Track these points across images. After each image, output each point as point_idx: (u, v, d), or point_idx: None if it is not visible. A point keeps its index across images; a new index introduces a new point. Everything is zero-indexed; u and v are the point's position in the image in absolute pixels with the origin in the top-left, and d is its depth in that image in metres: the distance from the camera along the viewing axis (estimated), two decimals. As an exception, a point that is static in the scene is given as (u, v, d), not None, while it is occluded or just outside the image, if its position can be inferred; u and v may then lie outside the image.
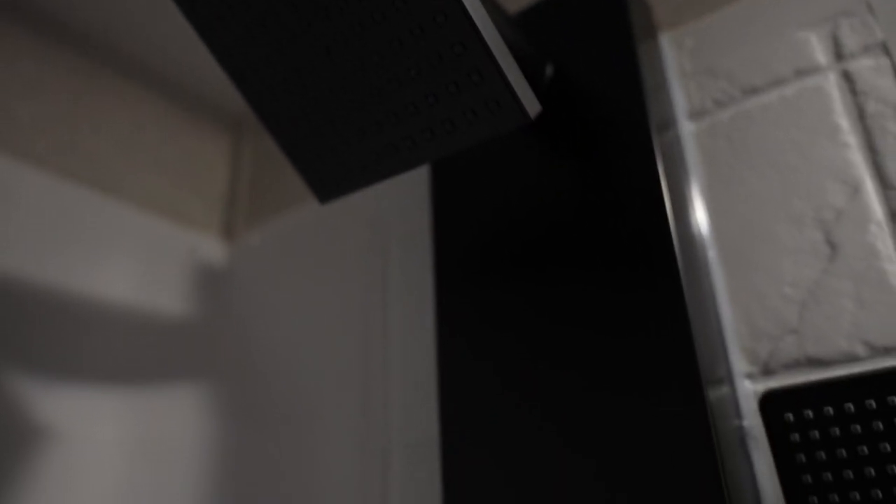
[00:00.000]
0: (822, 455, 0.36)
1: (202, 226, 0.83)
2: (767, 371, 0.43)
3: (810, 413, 0.37)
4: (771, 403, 0.39)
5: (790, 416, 0.38)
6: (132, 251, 0.75)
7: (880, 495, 0.35)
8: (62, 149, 0.74)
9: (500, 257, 0.51)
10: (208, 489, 0.67)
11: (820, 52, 0.47)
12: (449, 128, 0.37)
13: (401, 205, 0.68)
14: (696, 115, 0.51)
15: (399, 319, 0.64)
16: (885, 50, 0.45)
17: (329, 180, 0.47)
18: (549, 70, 0.52)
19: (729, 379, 0.44)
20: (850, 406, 0.36)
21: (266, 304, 0.75)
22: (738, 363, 0.44)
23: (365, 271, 0.68)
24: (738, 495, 0.39)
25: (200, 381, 0.74)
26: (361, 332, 0.65)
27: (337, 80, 0.41)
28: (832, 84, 0.46)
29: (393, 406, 0.60)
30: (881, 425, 0.35)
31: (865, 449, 0.35)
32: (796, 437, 0.37)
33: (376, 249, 0.68)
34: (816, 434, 0.37)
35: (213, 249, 0.82)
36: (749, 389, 0.43)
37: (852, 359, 0.40)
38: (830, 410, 0.37)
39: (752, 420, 0.42)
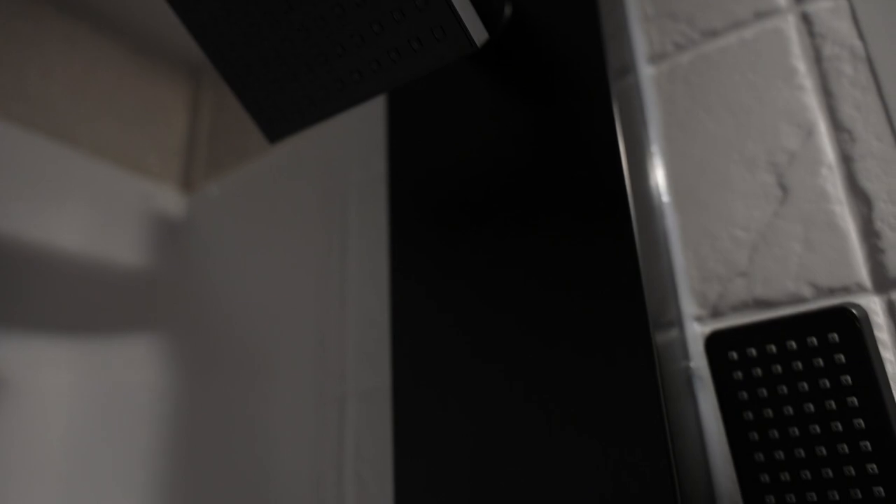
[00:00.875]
0: (764, 392, 0.37)
1: (159, 176, 0.81)
2: (716, 313, 0.43)
3: (753, 351, 0.37)
4: (715, 343, 0.39)
5: (734, 355, 0.38)
6: (85, 200, 0.73)
7: (818, 430, 0.35)
8: (9, 94, 0.71)
9: (454, 204, 0.51)
10: (164, 437, 0.66)
11: (780, -6, 0.47)
12: (395, 57, 0.36)
13: (359, 153, 0.67)
14: (655, 58, 0.50)
15: (357, 267, 0.63)
16: (844, -9, 0.44)
17: (278, 119, 0.46)
18: (507, 10, 0.51)
19: (678, 322, 0.44)
20: (793, 343, 0.36)
21: (224, 254, 0.74)
22: (688, 306, 0.44)
23: (323, 220, 0.67)
24: (682, 435, 0.40)
25: (157, 331, 0.73)
26: (319, 281, 0.64)
27: (282, 10, 0.39)
28: (791, 26, 0.45)
29: (350, 353, 0.60)
30: (821, 362, 0.35)
31: (806, 385, 0.36)
32: (739, 374, 0.38)
33: (335, 198, 0.67)
34: (759, 371, 0.37)
35: (170, 200, 0.80)
36: (697, 332, 0.43)
37: (799, 300, 0.40)
38: (773, 348, 0.37)
39: (699, 362, 0.42)
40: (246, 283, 0.70)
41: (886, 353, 0.37)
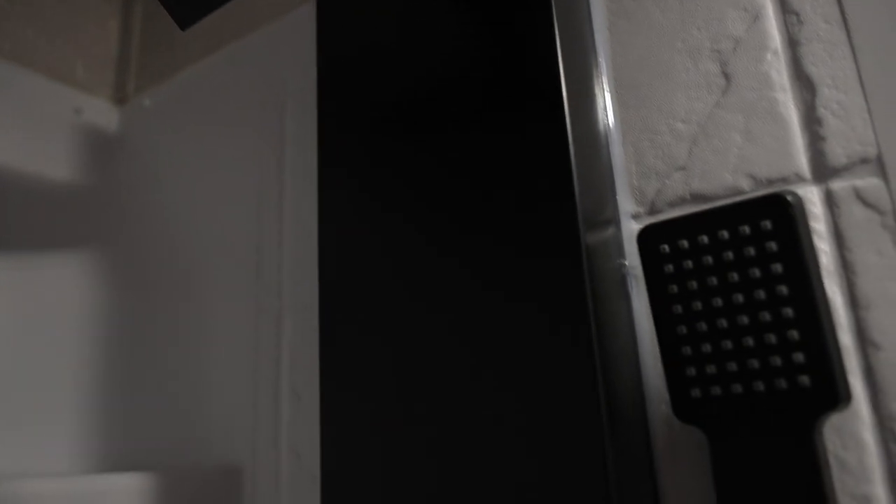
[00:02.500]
0: (694, 284, 0.35)
1: (89, 88, 0.77)
2: (654, 210, 0.41)
3: (685, 243, 0.36)
4: (647, 236, 0.37)
5: (665, 248, 0.36)
6: (9, 112, 0.68)
7: (746, 321, 0.34)
8: (-84, -8, 0.66)
9: (382, 110, 0.48)
10: (99, 355, 0.64)
11: None
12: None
13: (296, 60, 0.63)
14: (601, -56, 0.47)
15: (294, 179, 0.60)
16: None
17: (187, 2, 0.42)
18: None
19: (615, 220, 0.42)
20: (724, 233, 0.35)
21: (159, 167, 0.70)
22: (626, 203, 0.42)
23: (260, 131, 0.63)
24: (614, 335, 0.38)
25: (90, 247, 0.69)
26: (256, 195, 0.62)
27: None
28: None
29: (286, 268, 0.58)
30: (753, 251, 0.34)
31: (736, 276, 0.34)
32: (670, 267, 0.36)
33: (272, 107, 0.63)
34: (690, 264, 0.35)
35: (102, 113, 0.76)
36: (634, 229, 0.42)
37: (736, 193, 0.39)
38: (705, 239, 0.35)
39: (634, 260, 0.41)
40: (181, 197, 0.67)
41: (822, 244, 0.36)
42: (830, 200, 0.36)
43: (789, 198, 0.33)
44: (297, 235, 0.58)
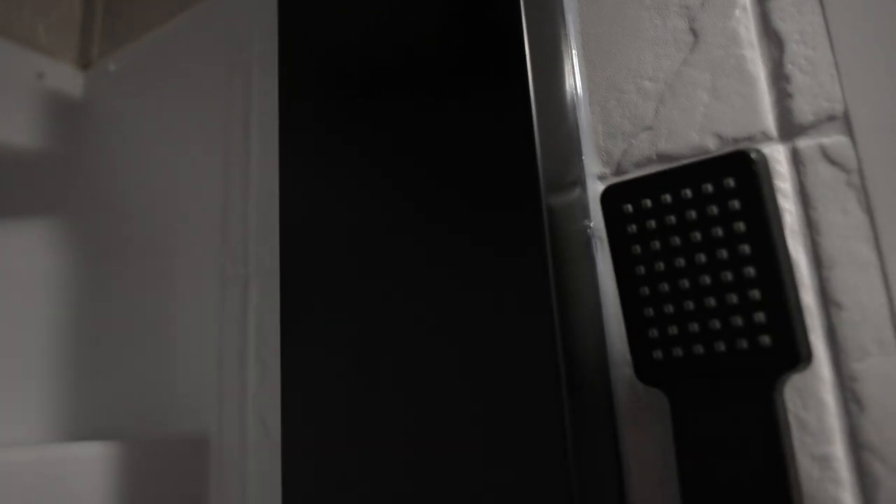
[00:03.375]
0: (657, 244, 0.35)
1: (53, 52, 0.74)
2: (620, 171, 0.40)
3: (648, 202, 0.35)
4: (611, 196, 0.36)
5: (629, 208, 0.36)
6: (-32, 77, 0.66)
7: (708, 281, 0.33)
8: None
9: (344, 75, 0.46)
10: (64, 322, 0.63)
11: None
12: None
13: (261, 24, 0.61)
14: None
15: (260, 144, 0.58)
16: None
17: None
18: None
19: (581, 181, 0.41)
20: (688, 192, 0.34)
21: (124, 133, 0.68)
22: (592, 164, 0.41)
23: (226, 95, 0.62)
24: (577, 298, 0.38)
25: (54, 216, 0.68)
26: (222, 160, 0.60)
27: None
28: None
29: (252, 234, 0.57)
30: (716, 209, 0.33)
31: (699, 235, 0.33)
32: (633, 228, 0.35)
33: (238, 71, 0.61)
34: (653, 224, 0.35)
35: (66, 77, 0.73)
36: (600, 191, 0.41)
37: (703, 152, 0.38)
38: (668, 198, 0.34)
39: (599, 222, 0.40)
40: (147, 163, 0.66)
41: (787, 204, 0.35)
42: (796, 159, 0.35)
43: (753, 155, 0.32)
44: (263, 201, 0.57)
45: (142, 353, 0.58)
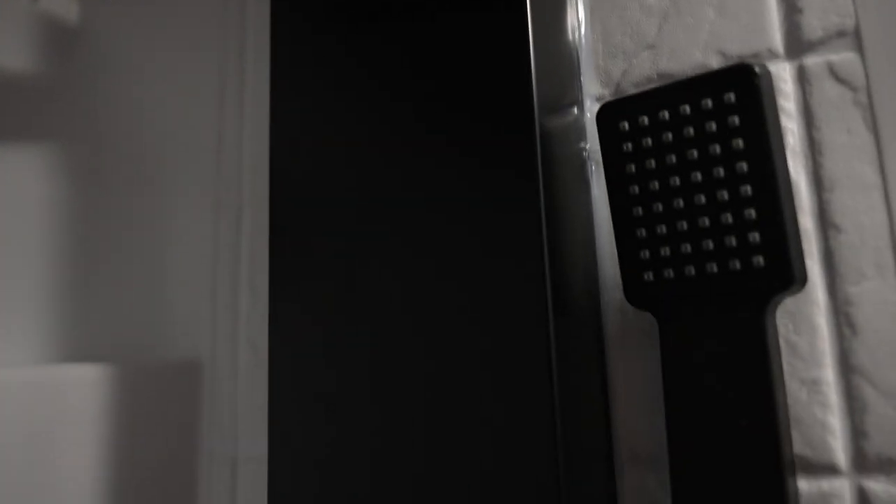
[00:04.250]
0: (652, 163, 0.33)
1: (47, -25, 0.72)
2: (619, 92, 0.39)
3: (645, 119, 0.34)
4: (607, 114, 0.35)
5: (625, 125, 0.34)
6: (-40, -2, 0.64)
7: (703, 200, 0.32)
8: None
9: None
10: (57, 248, 0.63)
11: None
12: None
13: (260, -61, 0.59)
14: None
15: (255, 72, 0.57)
16: None
17: None
18: None
19: (579, 103, 0.40)
20: (686, 108, 0.33)
21: (118, 59, 0.67)
22: (591, 86, 0.40)
23: (222, 22, 0.60)
24: (569, 221, 0.37)
25: (47, 142, 0.67)
26: (217, 85, 0.59)
27: None
28: None
29: (247, 162, 0.56)
30: (714, 126, 0.32)
31: (695, 153, 0.32)
32: (629, 146, 0.34)
33: (234, -6, 0.59)
34: (649, 141, 0.34)
35: (60, 2, 0.72)
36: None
37: (705, 70, 0.36)
38: (666, 115, 0.33)
39: (596, 144, 0.39)
40: (141, 88, 0.64)
41: (790, 124, 0.34)
42: (802, 77, 0.34)
43: (756, 68, 0.31)
44: (258, 127, 0.55)
45: (135, 278, 0.58)
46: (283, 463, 0.42)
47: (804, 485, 0.31)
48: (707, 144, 0.32)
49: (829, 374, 0.31)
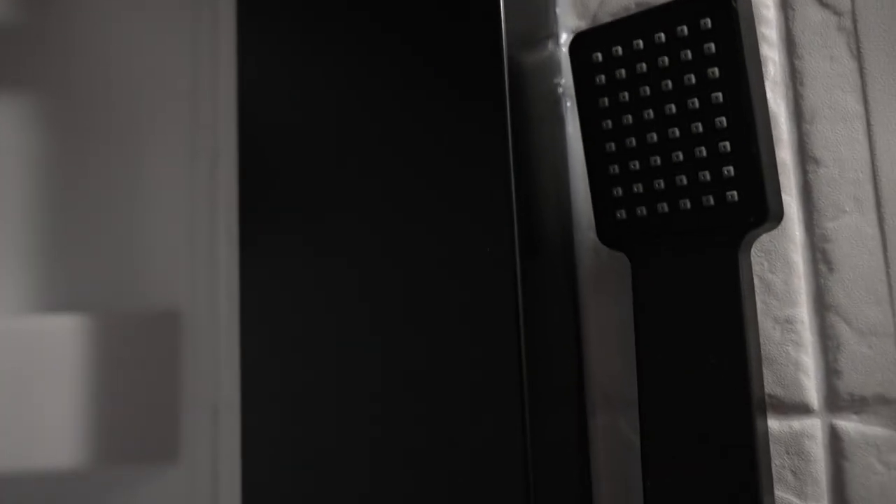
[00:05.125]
0: (626, 96, 0.32)
1: (15, -84, 0.70)
2: (596, 23, 0.37)
3: (619, 50, 0.32)
4: (579, 45, 0.33)
5: (598, 57, 0.33)
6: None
7: (677, 133, 0.31)
8: None
9: None
10: (33, 198, 0.62)
11: None
12: None
13: None
14: None
15: (230, 17, 0.55)
16: None
17: None
18: None
19: (554, 37, 0.38)
20: (661, 36, 0.31)
21: (90, 7, 0.65)
22: (567, 18, 0.38)
23: (194, -42, 0.58)
24: (541, 159, 0.36)
25: (20, 90, 0.65)
26: (191, 32, 0.57)
27: None
28: None
29: (223, 105, 0.54)
30: (690, 54, 0.30)
31: (670, 83, 0.31)
32: (602, 78, 0.33)
33: (206, -69, 0.57)
34: (622, 73, 0.32)
35: (30, -55, 0.69)
36: (574, 46, 0.38)
37: None
38: (640, 44, 0.31)
39: (570, 79, 0.37)
40: (113, 36, 0.62)
41: (771, 53, 0.32)
42: (785, 2, 0.32)
43: (734, -8, 0.29)
44: (233, 71, 0.54)
45: (113, 228, 0.57)
46: (256, 410, 0.42)
47: (775, 424, 0.30)
48: (682, 74, 0.30)
49: (803, 312, 0.30)
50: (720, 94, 0.29)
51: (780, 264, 0.31)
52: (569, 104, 0.37)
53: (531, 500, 0.31)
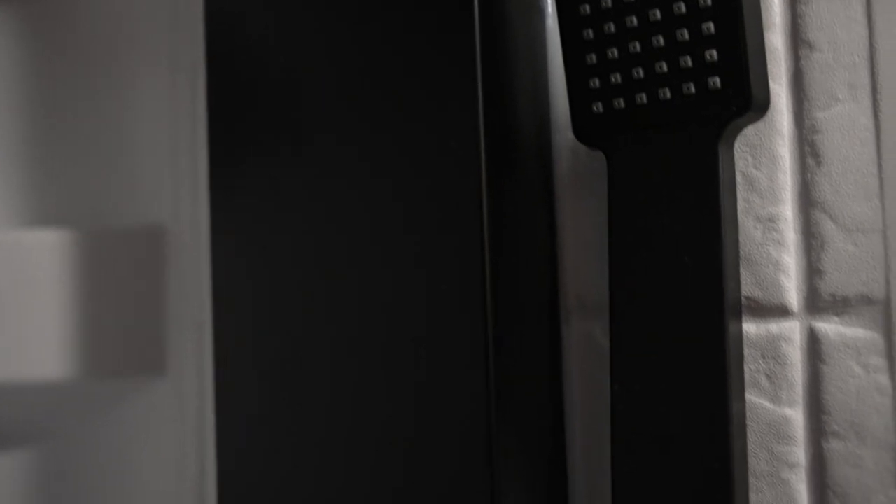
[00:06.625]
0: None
1: None
2: None
3: (604, -30, 0.29)
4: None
5: (582, -21, 0.30)
6: None
7: (658, 16, 0.28)
8: None
9: None
10: (16, 112, 0.61)
11: None
12: None
13: None
14: None
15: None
16: None
17: None
18: None
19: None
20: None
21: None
22: None
23: None
24: (517, 56, 0.33)
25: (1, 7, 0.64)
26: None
27: None
28: None
29: (203, 17, 0.52)
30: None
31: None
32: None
33: None
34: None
35: None
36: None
37: None
38: (626, -38, 0.29)
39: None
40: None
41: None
42: None
43: None
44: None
45: (95, 143, 0.56)
46: (226, 328, 0.42)
47: (752, 328, 0.29)
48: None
49: (787, 209, 0.28)
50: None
51: (766, 159, 0.29)
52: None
53: (493, 411, 0.30)
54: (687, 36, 0.28)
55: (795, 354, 0.28)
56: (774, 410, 0.28)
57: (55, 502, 0.54)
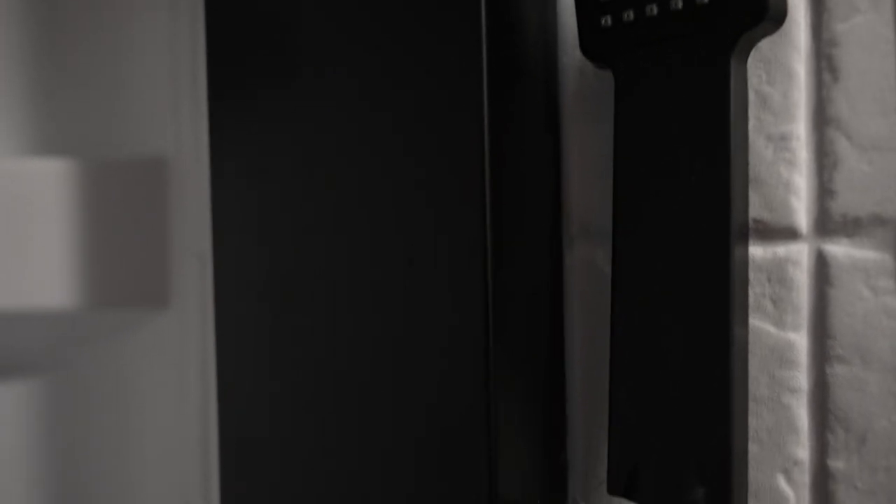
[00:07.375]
0: None
1: None
2: None
3: None
4: None
5: None
6: None
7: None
8: None
9: None
10: (16, 44, 0.60)
11: None
12: None
13: None
14: None
15: None
16: None
17: None
18: None
19: None
20: None
21: None
22: None
23: None
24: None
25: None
26: None
27: None
28: None
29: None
30: None
31: None
32: None
33: None
34: None
35: None
36: None
37: None
38: None
39: None
40: None
41: None
42: None
43: None
44: None
45: (96, 74, 0.55)
46: (227, 258, 0.41)
47: (759, 251, 0.28)
48: None
49: (800, 128, 0.27)
50: None
51: (780, 76, 0.27)
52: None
53: (492, 333, 0.30)
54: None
55: (802, 278, 0.27)
56: (778, 335, 0.27)
57: (58, 432, 0.55)
